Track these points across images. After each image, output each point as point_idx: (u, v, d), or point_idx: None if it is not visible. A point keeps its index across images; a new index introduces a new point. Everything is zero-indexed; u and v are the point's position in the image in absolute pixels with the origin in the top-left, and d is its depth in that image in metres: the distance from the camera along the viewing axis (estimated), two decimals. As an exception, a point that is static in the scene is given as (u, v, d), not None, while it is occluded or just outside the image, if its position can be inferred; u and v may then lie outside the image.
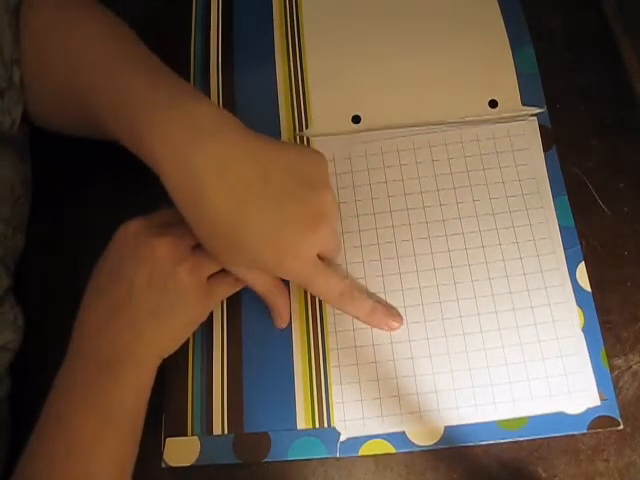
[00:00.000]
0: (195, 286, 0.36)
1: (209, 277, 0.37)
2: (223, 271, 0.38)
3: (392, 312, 0.39)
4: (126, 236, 0.36)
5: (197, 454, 0.37)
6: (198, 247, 0.36)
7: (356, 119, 0.44)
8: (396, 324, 0.39)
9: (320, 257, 0.37)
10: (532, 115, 0.43)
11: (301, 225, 0.34)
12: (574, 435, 0.37)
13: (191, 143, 0.32)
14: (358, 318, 0.39)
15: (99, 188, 0.44)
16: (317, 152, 0.37)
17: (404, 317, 0.39)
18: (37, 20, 0.37)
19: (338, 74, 0.46)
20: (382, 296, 0.40)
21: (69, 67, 0.36)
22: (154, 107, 0.33)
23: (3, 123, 0.37)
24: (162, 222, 0.37)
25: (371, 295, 0.40)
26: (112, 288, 0.35)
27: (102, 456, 0.33)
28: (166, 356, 0.36)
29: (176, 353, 0.37)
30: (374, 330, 0.39)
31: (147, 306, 0.35)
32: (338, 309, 0.39)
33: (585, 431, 0.36)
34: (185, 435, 0.37)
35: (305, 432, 0.37)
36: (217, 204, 0.33)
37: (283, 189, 0.34)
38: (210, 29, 0.47)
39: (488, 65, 0.45)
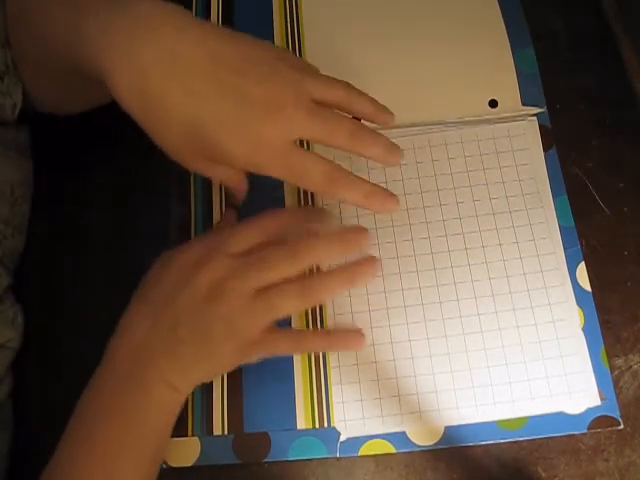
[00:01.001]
0: (247, 324, 0.34)
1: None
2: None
3: (390, 193, 0.34)
4: (187, 261, 0.35)
5: (197, 454, 0.37)
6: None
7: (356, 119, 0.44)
8: (396, 205, 0.34)
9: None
10: (532, 115, 0.43)
11: (262, 108, 0.32)
12: (574, 435, 0.37)
13: (133, 38, 0.31)
14: (356, 203, 0.34)
15: (99, 189, 0.44)
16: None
17: (404, 317, 0.39)
18: None
19: (338, 74, 0.45)
20: (382, 296, 0.39)
21: (41, 24, 0.35)
22: (98, 13, 0.32)
23: (4, 106, 0.37)
24: (220, 243, 0.35)
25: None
26: (159, 310, 0.34)
27: (126, 468, 0.32)
28: (200, 383, 0.35)
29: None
30: (374, 330, 0.39)
31: (190, 336, 0.33)
32: (332, 197, 0.36)
33: (585, 431, 0.36)
34: (185, 435, 0.37)
35: (305, 432, 0.37)
36: (171, 101, 0.31)
37: (237, 71, 0.32)
38: (210, 29, 0.47)
39: (488, 65, 0.45)
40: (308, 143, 0.42)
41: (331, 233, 0.35)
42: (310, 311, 0.40)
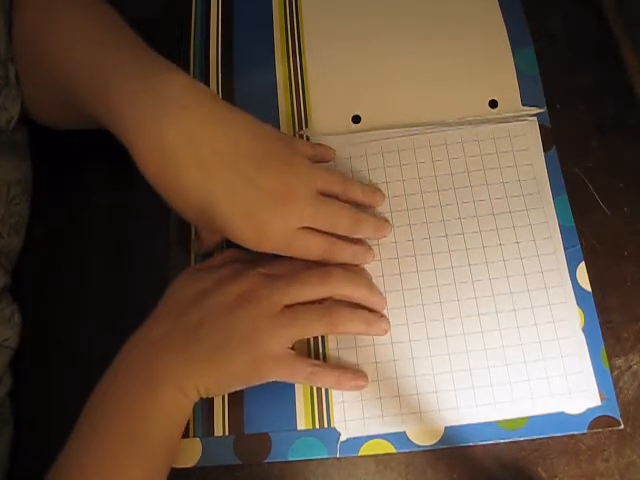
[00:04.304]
0: (269, 334, 0.34)
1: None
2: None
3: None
4: (219, 276, 0.36)
5: (199, 455, 0.37)
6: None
7: (356, 119, 0.44)
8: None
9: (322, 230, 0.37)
10: (532, 115, 0.43)
11: (273, 199, 0.34)
12: (574, 435, 0.37)
13: (161, 117, 0.32)
14: (347, 262, 0.38)
15: (99, 189, 0.44)
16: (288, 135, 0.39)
17: (404, 317, 0.39)
18: (26, 15, 0.37)
19: (338, 74, 0.45)
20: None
21: (56, 53, 0.36)
22: (125, 78, 0.33)
23: (0, 119, 0.37)
24: (255, 265, 0.37)
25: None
26: (184, 310, 0.35)
27: (133, 466, 0.32)
28: (207, 395, 0.35)
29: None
30: (374, 330, 0.39)
31: (209, 337, 0.34)
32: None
33: (585, 431, 0.36)
34: (187, 437, 0.37)
35: (305, 433, 0.37)
36: (190, 182, 0.33)
37: (254, 162, 0.34)
38: (210, 29, 0.47)
39: (488, 65, 0.45)
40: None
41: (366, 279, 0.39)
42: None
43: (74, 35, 0.36)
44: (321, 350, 0.39)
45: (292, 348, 0.36)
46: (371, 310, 0.38)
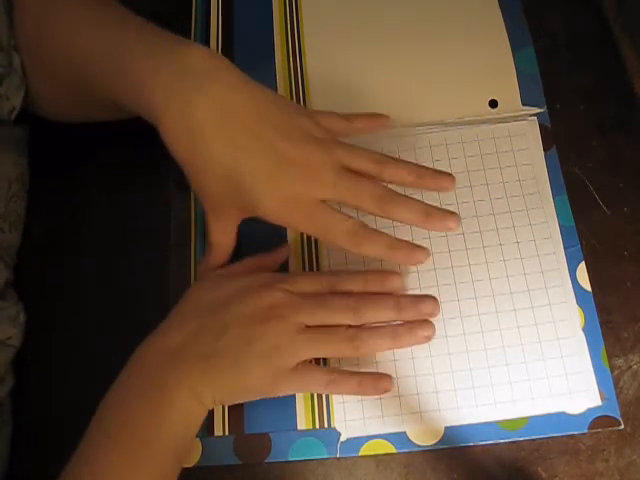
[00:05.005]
0: (287, 351, 0.34)
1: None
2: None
3: (412, 246, 0.36)
4: (246, 284, 0.36)
5: (198, 455, 0.37)
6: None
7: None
8: (423, 256, 0.35)
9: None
10: (532, 115, 0.43)
11: (297, 168, 0.34)
12: (574, 435, 0.37)
13: (189, 89, 0.32)
14: (379, 257, 0.36)
15: (99, 188, 0.44)
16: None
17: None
18: (25, 7, 0.37)
19: (338, 74, 0.45)
20: (382, 296, 0.39)
21: (64, 39, 0.36)
22: (146, 55, 0.33)
23: (2, 108, 0.37)
24: (283, 279, 0.36)
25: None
26: (207, 317, 0.35)
27: (143, 473, 0.32)
28: (222, 404, 0.35)
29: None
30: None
31: (229, 349, 0.33)
32: (356, 253, 0.35)
33: (585, 431, 0.36)
34: (186, 436, 0.37)
35: (305, 433, 0.37)
36: (216, 153, 0.33)
37: (280, 133, 0.34)
38: (210, 28, 0.47)
39: (488, 65, 0.45)
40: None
41: (401, 301, 0.36)
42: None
43: (79, 22, 0.36)
44: (321, 350, 0.39)
45: None
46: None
